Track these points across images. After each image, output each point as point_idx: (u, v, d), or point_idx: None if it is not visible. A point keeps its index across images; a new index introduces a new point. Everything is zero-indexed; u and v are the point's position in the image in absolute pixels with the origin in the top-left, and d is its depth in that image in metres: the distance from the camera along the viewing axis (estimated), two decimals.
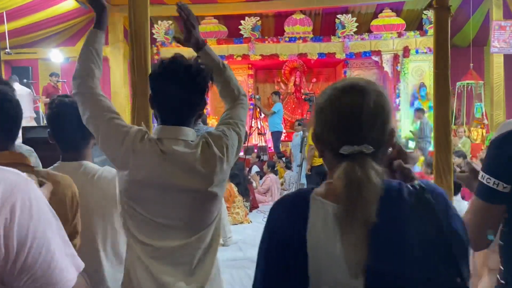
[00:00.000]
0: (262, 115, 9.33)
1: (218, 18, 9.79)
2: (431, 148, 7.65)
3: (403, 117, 9.54)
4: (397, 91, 9.52)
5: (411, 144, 8.84)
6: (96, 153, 1.60)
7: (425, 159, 5.92)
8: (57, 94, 1.88)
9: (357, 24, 9.49)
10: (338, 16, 9.53)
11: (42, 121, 7.90)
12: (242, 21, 9.59)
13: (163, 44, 9.57)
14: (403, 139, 9.19)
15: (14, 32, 8.42)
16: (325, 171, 0.93)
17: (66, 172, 1.32)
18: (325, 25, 10.24)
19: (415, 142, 8.30)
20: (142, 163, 1.28)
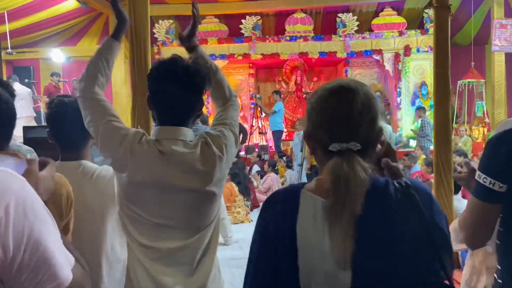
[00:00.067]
0: (263, 114, 9.34)
1: (219, 17, 9.79)
2: (432, 147, 7.66)
3: (404, 116, 9.53)
4: (398, 90, 9.51)
5: (412, 143, 8.83)
6: (96, 153, 1.61)
7: (426, 158, 5.92)
8: (57, 94, 1.89)
9: (358, 23, 9.48)
10: (339, 15, 9.52)
11: (43, 121, 7.92)
12: (243, 20, 9.59)
13: (164, 44, 9.59)
14: (404, 138, 9.20)
15: (16, 32, 8.44)
16: None
17: (66, 172, 1.32)
18: (326, 24, 10.23)
19: (416, 141, 8.29)
20: (141, 164, 1.29)
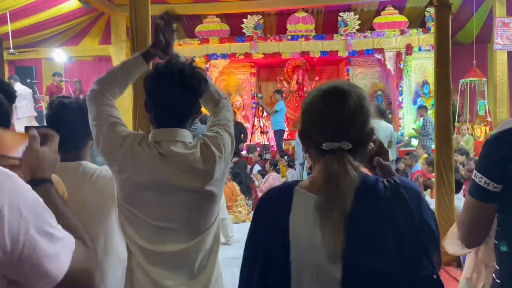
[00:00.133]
0: (265, 114, 9.34)
1: (220, 17, 9.80)
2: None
3: (406, 115, 9.52)
4: (400, 89, 9.50)
5: (414, 142, 8.82)
6: (97, 153, 1.62)
7: (427, 157, 5.91)
8: (57, 95, 1.89)
9: (360, 22, 9.47)
10: (341, 14, 9.52)
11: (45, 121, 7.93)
12: (244, 20, 9.59)
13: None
14: (406, 137, 9.18)
15: (18, 32, 8.46)
16: None
17: (66, 172, 1.33)
18: (328, 23, 10.22)
19: (418, 140, 8.27)
20: (141, 166, 1.30)
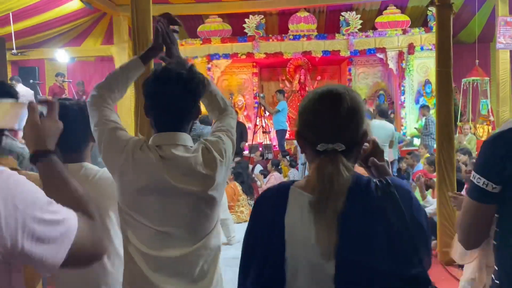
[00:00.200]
0: (267, 113, 9.34)
1: (222, 17, 9.80)
2: None
3: (408, 114, 9.51)
4: (402, 88, 9.48)
5: (417, 141, 8.80)
6: (99, 154, 1.63)
7: (429, 157, 5.91)
8: (58, 97, 1.91)
9: (362, 21, 9.46)
10: (343, 14, 9.51)
11: None
12: (246, 20, 9.59)
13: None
14: (408, 137, 9.17)
15: (21, 33, 8.49)
16: None
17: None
18: (330, 23, 10.21)
19: (420, 139, 8.26)
20: (143, 170, 1.31)
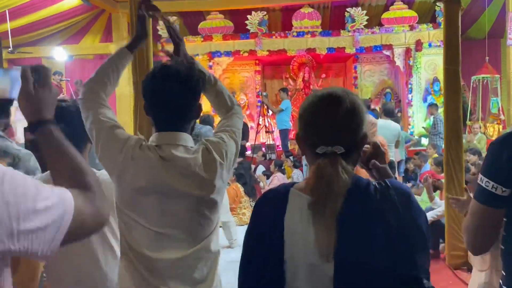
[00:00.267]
0: (270, 113, 9.34)
1: (224, 13, 9.81)
2: None
3: (416, 113, 9.49)
4: (410, 86, 9.46)
5: (424, 141, 8.78)
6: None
7: (436, 157, 5.89)
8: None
9: (368, 17, 9.43)
10: (348, 9, 9.49)
11: None
12: (249, 16, 9.59)
13: (168, 41, 9.60)
14: (416, 136, 9.15)
15: (17, 31, 8.53)
16: None
17: None
18: (334, 19, 10.21)
19: (428, 139, 8.24)
20: (142, 170, 1.31)
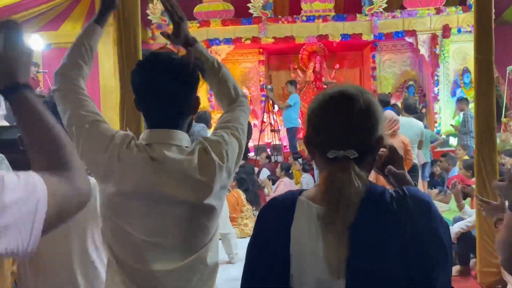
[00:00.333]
0: (276, 109, 9.36)
1: None
2: None
3: (443, 109, 9.47)
4: (436, 78, 9.45)
5: (453, 141, 8.76)
6: None
7: (465, 160, 5.88)
8: None
9: (387, 0, 9.43)
10: None
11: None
12: None
13: (159, 27, 9.62)
14: (443, 135, 9.13)
15: None
16: None
17: None
18: (349, 1, 10.19)
19: (457, 139, 8.22)
20: (129, 172, 1.32)
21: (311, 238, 0.97)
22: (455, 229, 4.28)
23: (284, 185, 6.88)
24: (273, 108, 9.22)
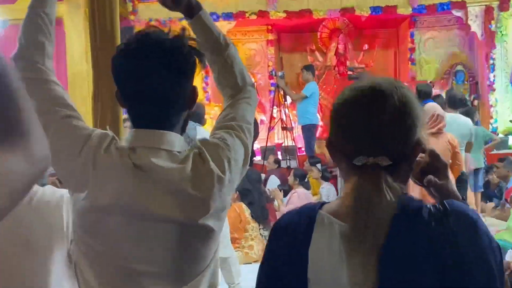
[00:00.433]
0: (289, 101, 9.36)
1: None
2: None
3: (501, 101, 9.45)
4: (491, 62, 9.43)
5: None
6: None
7: None
8: None
9: None
10: None
11: None
12: None
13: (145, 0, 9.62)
14: (500, 135, 9.08)
15: None
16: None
17: None
18: None
19: None
20: (107, 182, 1.32)
21: (333, 262, 1.00)
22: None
23: (298, 197, 6.86)
24: (285, 101, 9.22)
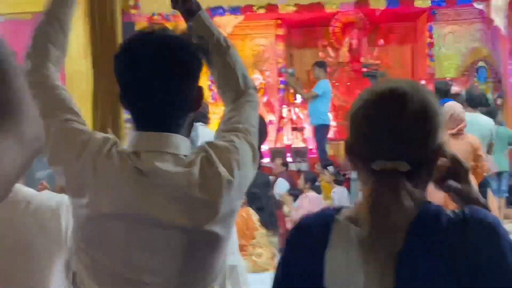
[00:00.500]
0: (299, 100, 9.35)
1: None
2: None
3: None
4: None
5: None
6: (41, 165, 1.66)
7: None
8: None
9: None
10: None
11: None
12: None
13: None
14: None
15: None
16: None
17: None
18: None
19: None
20: (108, 189, 1.32)
21: (350, 268, 1.03)
22: None
23: (309, 202, 6.86)
24: (295, 99, 9.22)
